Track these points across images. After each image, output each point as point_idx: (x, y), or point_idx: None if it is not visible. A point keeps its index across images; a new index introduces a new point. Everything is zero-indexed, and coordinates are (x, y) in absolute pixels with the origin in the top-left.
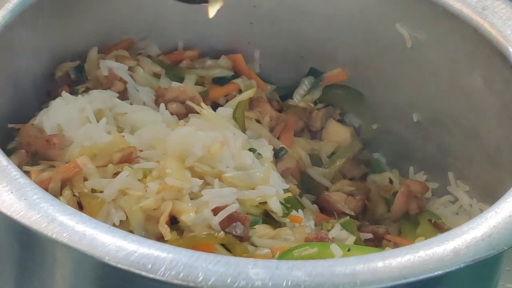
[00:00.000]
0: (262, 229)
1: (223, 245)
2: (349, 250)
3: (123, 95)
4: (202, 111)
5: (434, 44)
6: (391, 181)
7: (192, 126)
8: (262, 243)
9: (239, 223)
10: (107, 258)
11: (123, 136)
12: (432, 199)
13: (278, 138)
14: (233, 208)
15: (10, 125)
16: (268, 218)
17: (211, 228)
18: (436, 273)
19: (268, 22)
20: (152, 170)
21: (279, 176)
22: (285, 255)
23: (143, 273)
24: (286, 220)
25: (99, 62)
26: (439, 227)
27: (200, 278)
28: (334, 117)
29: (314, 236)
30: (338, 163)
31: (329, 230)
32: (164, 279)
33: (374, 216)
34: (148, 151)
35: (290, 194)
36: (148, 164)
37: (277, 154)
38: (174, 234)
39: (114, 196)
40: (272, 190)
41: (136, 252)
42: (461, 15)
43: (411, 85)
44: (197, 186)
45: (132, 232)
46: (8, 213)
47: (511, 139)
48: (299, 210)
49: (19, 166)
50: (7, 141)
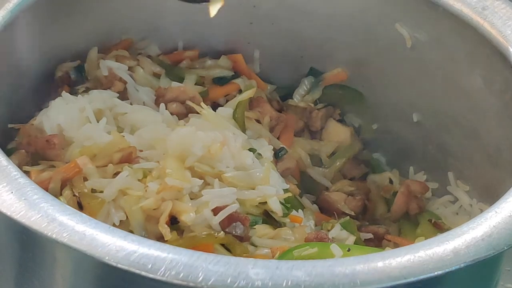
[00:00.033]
0: (262, 229)
1: (223, 245)
2: (349, 250)
3: (123, 95)
4: (202, 111)
5: (434, 44)
6: (391, 181)
7: (192, 126)
8: (262, 243)
9: (239, 223)
10: (107, 258)
11: (123, 136)
12: (432, 199)
13: (278, 138)
14: (233, 208)
15: (10, 125)
16: (268, 218)
17: (211, 228)
18: (436, 273)
19: (268, 22)
20: (152, 170)
21: (279, 176)
22: (285, 255)
23: (143, 273)
24: (286, 220)
25: (99, 62)
26: (439, 227)
27: (200, 278)
28: (334, 117)
29: (314, 236)
30: (338, 163)
31: (329, 230)
32: (164, 279)
33: (374, 216)
34: (148, 151)
35: (290, 194)
36: (148, 164)
37: (277, 154)
38: (174, 234)
39: (114, 196)
40: (272, 190)
41: (136, 252)
42: (461, 15)
43: (411, 85)
44: (197, 186)
45: (132, 232)
46: (8, 213)
47: (511, 139)
48: (299, 210)
49: (19, 166)
50: (7, 141)
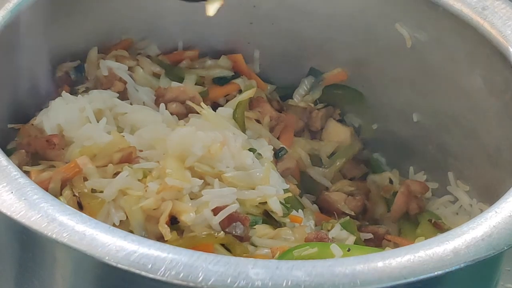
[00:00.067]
0: (262, 229)
1: (223, 245)
2: (349, 250)
3: (123, 95)
4: (202, 111)
5: (434, 44)
6: (391, 181)
7: (192, 126)
8: (262, 243)
9: (239, 223)
10: (107, 258)
11: (123, 136)
12: (432, 199)
13: (278, 138)
14: (233, 208)
15: (10, 125)
16: (268, 218)
17: (211, 228)
18: (436, 273)
19: (268, 22)
20: (152, 170)
21: (279, 176)
22: (285, 255)
23: (143, 273)
24: (286, 220)
25: (99, 62)
26: (439, 227)
27: (200, 278)
28: (334, 117)
29: (314, 236)
30: (338, 163)
31: (329, 230)
32: (164, 279)
33: (374, 216)
34: (148, 151)
35: (290, 194)
36: (148, 164)
37: (277, 154)
38: (174, 234)
39: (114, 196)
40: (272, 190)
41: (136, 252)
42: (461, 15)
43: (411, 85)
44: (197, 186)
45: (132, 232)
46: (8, 213)
47: (511, 139)
48: (299, 210)
49: (19, 166)
50: (7, 141)
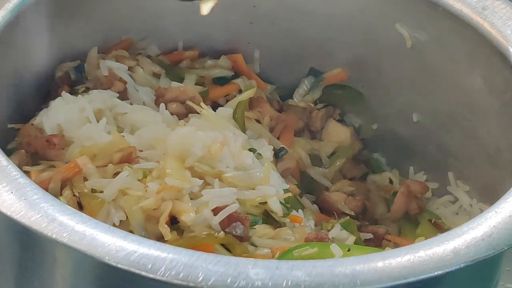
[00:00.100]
0: (262, 229)
1: (223, 245)
2: (349, 250)
3: (123, 95)
4: (202, 111)
5: (434, 44)
6: (391, 181)
7: (192, 126)
8: (262, 243)
9: (239, 223)
10: (107, 258)
11: (123, 136)
12: (432, 199)
13: (278, 138)
14: (233, 208)
15: (10, 125)
16: (268, 218)
17: (211, 228)
18: (436, 273)
19: (268, 22)
20: (152, 170)
21: (279, 176)
22: (285, 255)
23: (143, 273)
24: (286, 220)
25: (99, 62)
26: (439, 227)
27: (200, 278)
28: (334, 117)
29: (314, 236)
30: (338, 163)
31: (329, 230)
32: (164, 279)
33: (374, 216)
34: (148, 151)
35: (290, 194)
36: (148, 164)
37: (277, 154)
38: (174, 234)
39: (114, 196)
40: (272, 190)
41: (136, 252)
42: (461, 15)
43: (411, 85)
44: (197, 186)
45: (132, 232)
46: (8, 213)
47: (511, 139)
48: (299, 210)
49: (19, 166)
50: (7, 141)
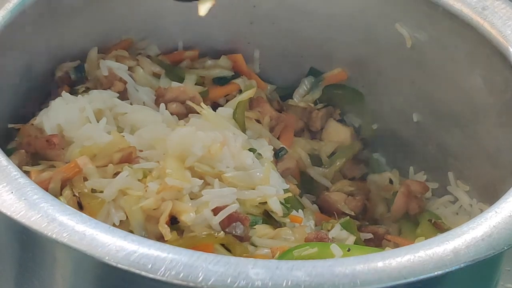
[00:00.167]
0: (262, 229)
1: (223, 245)
2: (349, 250)
3: (123, 95)
4: (202, 111)
5: (434, 44)
6: (391, 181)
7: (192, 126)
8: (262, 243)
9: (239, 223)
10: (107, 258)
11: (123, 136)
12: (432, 199)
13: (278, 138)
14: (233, 208)
15: (10, 125)
16: (268, 218)
17: (211, 228)
18: (436, 273)
19: (268, 22)
20: (152, 170)
21: (279, 176)
22: (285, 255)
23: (143, 273)
24: (286, 220)
25: (99, 62)
26: (439, 227)
27: (200, 278)
28: (334, 117)
29: (314, 236)
30: (338, 163)
31: (329, 230)
32: (164, 279)
33: (374, 216)
34: (148, 151)
35: (290, 194)
36: (148, 164)
37: (277, 154)
38: (174, 234)
39: (114, 196)
40: (272, 190)
41: (136, 252)
42: (461, 15)
43: (411, 85)
44: (197, 186)
45: (132, 232)
46: (8, 213)
47: (511, 139)
48: (299, 210)
49: (19, 166)
50: (7, 141)
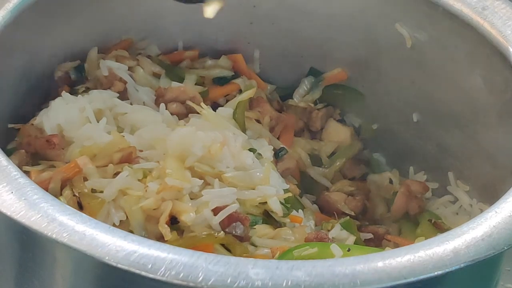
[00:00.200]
0: (262, 229)
1: (223, 245)
2: (349, 250)
3: (123, 95)
4: (202, 111)
5: (434, 44)
6: (391, 181)
7: (192, 126)
8: (262, 243)
9: (239, 223)
10: (107, 258)
11: (123, 136)
12: (432, 199)
13: (278, 138)
14: (233, 208)
15: (10, 125)
16: (268, 218)
17: (211, 228)
18: (436, 273)
19: (268, 22)
20: (152, 170)
21: (279, 176)
22: (285, 255)
23: (143, 273)
24: (286, 220)
25: (99, 62)
26: (439, 227)
27: (200, 278)
28: (334, 117)
29: (314, 236)
30: (338, 163)
31: (329, 230)
32: (164, 279)
33: (374, 216)
34: (148, 151)
35: (290, 194)
36: (148, 164)
37: (277, 154)
38: (174, 234)
39: (114, 196)
40: (272, 190)
41: (136, 252)
42: (461, 15)
43: (411, 85)
44: (197, 186)
45: (132, 232)
46: (8, 213)
47: (511, 139)
48: (299, 210)
49: (19, 166)
50: (7, 141)
